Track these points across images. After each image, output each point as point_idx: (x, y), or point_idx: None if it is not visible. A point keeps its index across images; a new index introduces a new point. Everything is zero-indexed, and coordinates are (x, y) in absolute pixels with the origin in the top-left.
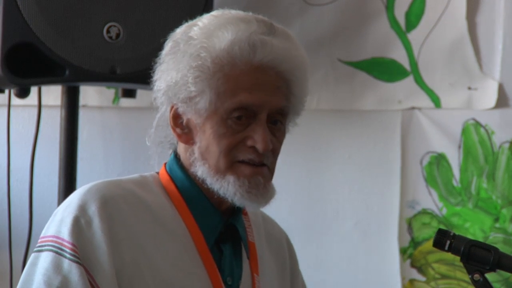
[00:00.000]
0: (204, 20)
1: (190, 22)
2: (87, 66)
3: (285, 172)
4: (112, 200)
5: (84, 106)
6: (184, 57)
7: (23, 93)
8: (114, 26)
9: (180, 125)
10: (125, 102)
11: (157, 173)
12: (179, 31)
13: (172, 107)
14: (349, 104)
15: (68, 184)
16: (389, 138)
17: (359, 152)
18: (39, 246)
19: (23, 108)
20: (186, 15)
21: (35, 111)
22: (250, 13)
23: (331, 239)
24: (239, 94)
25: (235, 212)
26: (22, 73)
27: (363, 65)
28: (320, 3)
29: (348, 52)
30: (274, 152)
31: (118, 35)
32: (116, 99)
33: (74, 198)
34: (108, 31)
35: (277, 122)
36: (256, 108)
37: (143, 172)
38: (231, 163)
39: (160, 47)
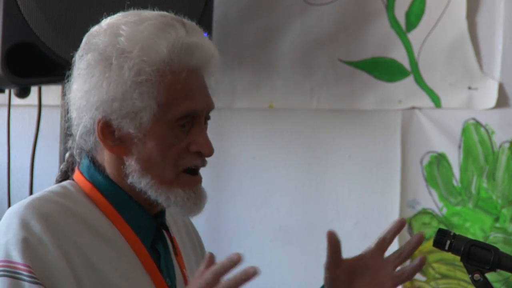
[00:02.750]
0: (124, 28)
1: (104, 29)
2: None
3: (285, 172)
4: (52, 217)
5: None
6: (122, 71)
7: (23, 93)
8: None
9: (110, 137)
10: None
11: (72, 180)
12: (101, 42)
13: (99, 120)
14: (350, 104)
15: None
16: (389, 138)
17: (359, 152)
18: None
19: (23, 108)
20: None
21: (35, 111)
22: (159, 12)
23: None
24: (182, 103)
25: (162, 212)
26: (22, 73)
27: (363, 65)
28: (320, 3)
29: (348, 52)
30: None
31: None
32: None
33: (12, 219)
34: None
35: (206, 122)
36: (198, 113)
37: None
38: (177, 173)
39: None
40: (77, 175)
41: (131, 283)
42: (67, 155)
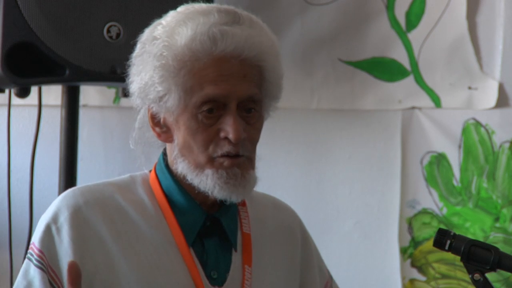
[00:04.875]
0: (167, 18)
1: (157, 21)
2: (87, 65)
3: (285, 172)
4: (86, 206)
5: (84, 105)
6: (149, 57)
7: (23, 92)
8: (114, 25)
9: (159, 125)
10: (126, 101)
11: (150, 171)
12: (147, 31)
13: (149, 107)
14: (350, 104)
15: (68, 184)
16: (389, 138)
17: (359, 152)
18: None
19: (24, 108)
20: None
21: (35, 111)
22: (214, 5)
23: (331, 239)
24: (206, 88)
25: (223, 205)
26: (22, 73)
27: (363, 65)
28: (320, 3)
29: (348, 51)
30: (252, 140)
31: (118, 35)
32: (116, 99)
33: (52, 205)
34: (108, 31)
35: (250, 110)
36: (224, 99)
37: (149, 167)
38: (210, 158)
39: None
40: (154, 165)
41: (166, 272)
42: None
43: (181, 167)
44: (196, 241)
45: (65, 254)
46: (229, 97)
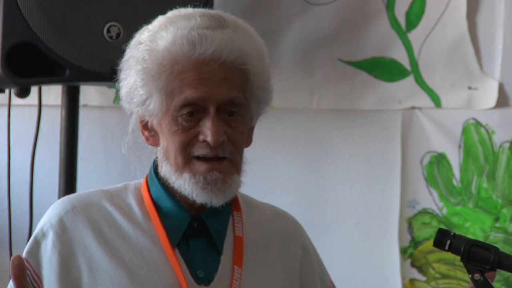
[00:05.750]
0: (154, 23)
1: (146, 26)
2: (88, 65)
3: (285, 172)
4: (72, 212)
5: (84, 106)
6: (133, 62)
7: (23, 92)
8: (114, 25)
9: (147, 128)
10: None
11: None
12: (135, 36)
13: (137, 112)
14: (350, 104)
15: (68, 184)
16: (389, 138)
17: (359, 151)
18: None
19: (24, 108)
20: None
21: (35, 111)
22: (200, 9)
23: (331, 239)
24: (185, 91)
25: (210, 207)
26: (22, 73)
27: (363, 65)
28: (320, 3)
29: (348, 51)
30: (234, 143)
31: (118, 35)
32: (116, 99)
33: (45, 214)
34: (108, 31)
35: (232, 113)
36: (203, 102)
37: (144, 171)
38: (187, 159)
39: None
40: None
41: (154, 271)
42: None
43: (164, 170)
44: (182, 242)
45: (48, 261)
46: (208, 100)
